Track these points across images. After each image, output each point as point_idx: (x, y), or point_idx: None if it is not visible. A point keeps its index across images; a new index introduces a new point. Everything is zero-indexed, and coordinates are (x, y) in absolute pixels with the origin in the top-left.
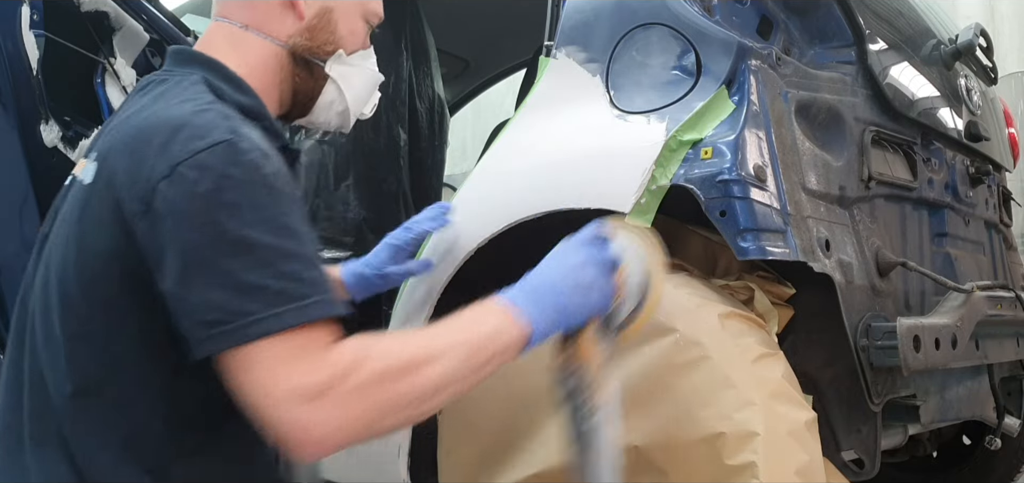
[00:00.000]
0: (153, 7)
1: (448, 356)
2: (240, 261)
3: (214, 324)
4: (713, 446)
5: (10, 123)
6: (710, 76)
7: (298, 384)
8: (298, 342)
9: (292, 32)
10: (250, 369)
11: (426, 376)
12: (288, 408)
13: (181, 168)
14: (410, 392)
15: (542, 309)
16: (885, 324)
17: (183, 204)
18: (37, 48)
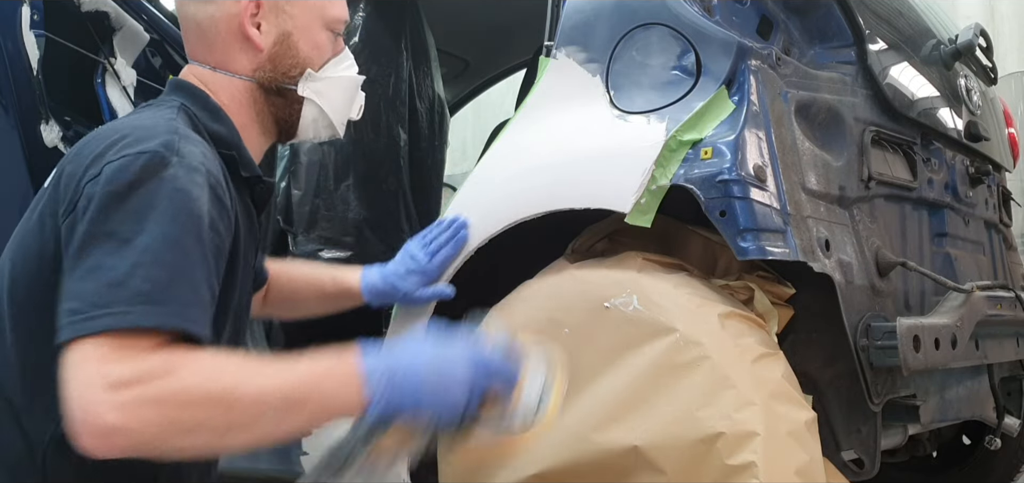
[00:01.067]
0: (153, 7)
1: (265, 402)
2: (116, 259)
3: (73, 312)
4: (713, 446)
5: (10, 123)
6: (710, 76)
7: (106, 372)
8: (131, 343)
9: (255, 65)
10: (79, 362)
11: (231, 415)
12: (87, 391)
13: (106, 168)
14: (209, 422)
15: (389, 388)
16: (885, 324)
17: (94, 199)
18: (37, 48)
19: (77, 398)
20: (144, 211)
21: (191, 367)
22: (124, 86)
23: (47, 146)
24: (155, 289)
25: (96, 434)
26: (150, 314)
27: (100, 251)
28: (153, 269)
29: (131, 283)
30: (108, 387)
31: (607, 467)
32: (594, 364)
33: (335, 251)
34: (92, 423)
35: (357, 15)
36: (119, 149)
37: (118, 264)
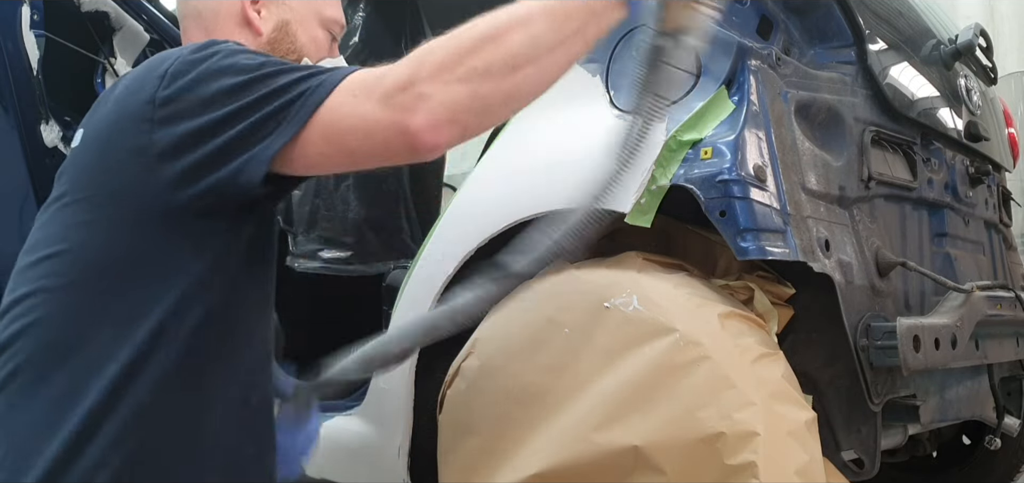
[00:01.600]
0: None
1: (517, 27)
2: (263, 83)
3: (276, 126)
4: (713, 446)
5: (10, 123)
6: (710, 76)
7: (379, 90)
8: (350, 83)
9: (254, 49)
10: (337, 121)
11: (503, 45)
12: (385, 110)
13: (170, 72)
14: (490, 61)
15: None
16: (885, 324)
17: (190, 90)
18: (37, 48)
19: (383, 122)
20: (233, 60)
21: (431, 45)
22: None
23: (47, 146)
24: (311, 71)
25: (424, 127)
26: (337, 72)
27: (250, 76)
28: (288, 71)
29: (288, 81)
30: (394, 92)
31: (607, 467)
32: (594, 364)
33: (335, 251)
34: (411, 119)
35: (357, 15)
36: (178, 53)
37: (280, 71)
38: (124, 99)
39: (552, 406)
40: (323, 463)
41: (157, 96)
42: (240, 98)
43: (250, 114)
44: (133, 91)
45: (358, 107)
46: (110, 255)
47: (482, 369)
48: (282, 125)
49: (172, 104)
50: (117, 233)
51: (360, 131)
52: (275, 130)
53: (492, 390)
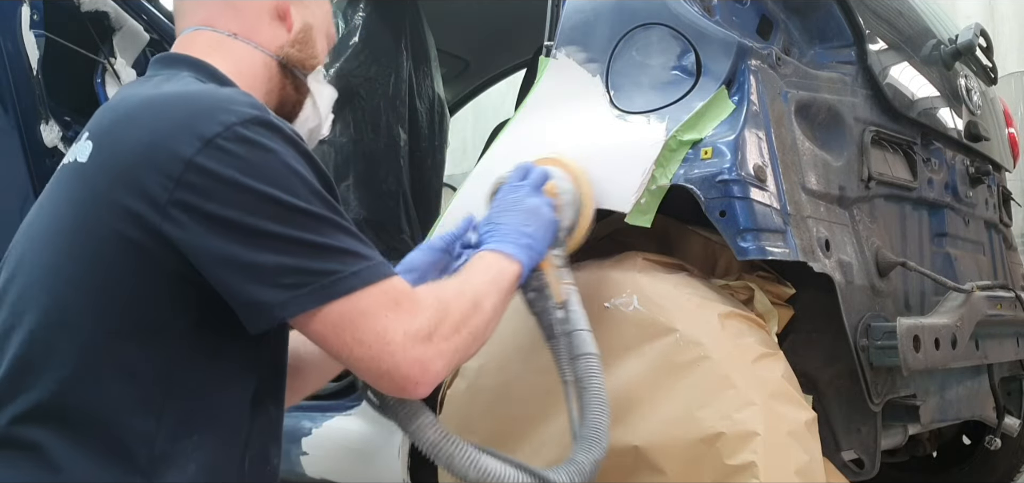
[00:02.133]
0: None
1: (487, 298)
2: (308, 225)
3: (299, 286)
4: (713, 446)
5: (10, 123)
6: (710, 76)
7: (411, 328)
8: (387, 292)
9: (281, 43)
10: (359, 321)
11: (483, 314)
12: (407, 349)
13: (218, 142)
14: (477, 328)
15: (520, 247)
16: (885, 324)
17: (232, 176)
18: (37, 48)
19: (399, 362)
20: (294, 175)
21: (448, 295)
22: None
23: (47, 146)
24: (358, 245)
25: (429, 379)
26: (373, 268)
27: (281, 221)
28: (343, 230)
29: (343, 245)
30: (418, 341)
31: (607, 467)
32: None
33: None
34: (422, 375)
35: (357, 15)
36: (212, 116)
37: (314, 230)
38: (154, 141)
39: (552, 406)
40: (323, 463)
41: (193, 159)
42: (283, 223)
43: (284, 251)
44: (167, 135)
45: (388, 324)
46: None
47: (482, 369)
48: (307, 291)
49: (206, 176)
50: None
51: (373, 346)
52: (300, 289)
53: (492, 390)
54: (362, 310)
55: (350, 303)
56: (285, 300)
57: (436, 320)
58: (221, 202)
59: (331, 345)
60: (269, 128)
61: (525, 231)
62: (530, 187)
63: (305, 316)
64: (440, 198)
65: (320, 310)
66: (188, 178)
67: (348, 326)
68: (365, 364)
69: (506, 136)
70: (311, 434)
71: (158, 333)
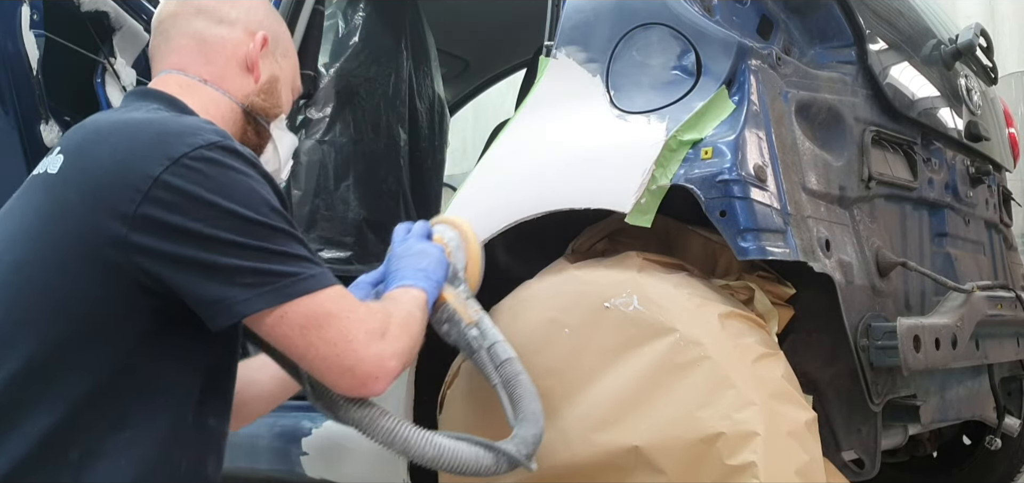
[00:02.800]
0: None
1: (414, 312)
2: (267, 236)
3: (260, 284)
4: (713, 446)
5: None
6: (710, 76)
7: (369, 327)
8: (343, 296)
9: (248, 92)
10: (324, 320)
11: (417, 323)
12: (367, 346)
13: (185, 161)
14: (415, 334)
15: (419, 279)
16: (885, 324)
17: (196, 191)
18: (37, 48)
19: (361, 358)
20: (253, 192)
21: (384, 306)
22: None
23: (47, 146)
24: (309, 253)
25: (388, 374)
26: (326, 275)
27: (242, 231)
28: (296, 240)
29: (298, 251)
30: (377, 338)
31: (607, 467)
32: (594, 364)
33: (335, 251)
34: (381, 370)
35: (357, 15)
36: (180, 139)
37: (272, 239)
38: (124, 160)
39: (552, 406)
40: (323, 463)
41: (161, 176)
42: (243, 234)
43: (245, 256)
44: (137, 155)
45: (350, 323)
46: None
47: None
48: (269, 289)
49: (172, 191)
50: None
51: (338, 344)
52: (262, 287)
53: (491, 390)
54: (327, 310)
55: (314, 302)
56: (248, 297)
57: (385, 322)
58: (185, 214)
59: (295, 344)
60: (231, 152)
61: (420, 267)
62: (416, 237)
63: (267, 315)
64: (440, 198)
65: (283, 309)
66: (155, 193)
67: (313, 325)
68: (329, 362)
69: (506, 136)
70: (311, 434)
71: (111, 338)
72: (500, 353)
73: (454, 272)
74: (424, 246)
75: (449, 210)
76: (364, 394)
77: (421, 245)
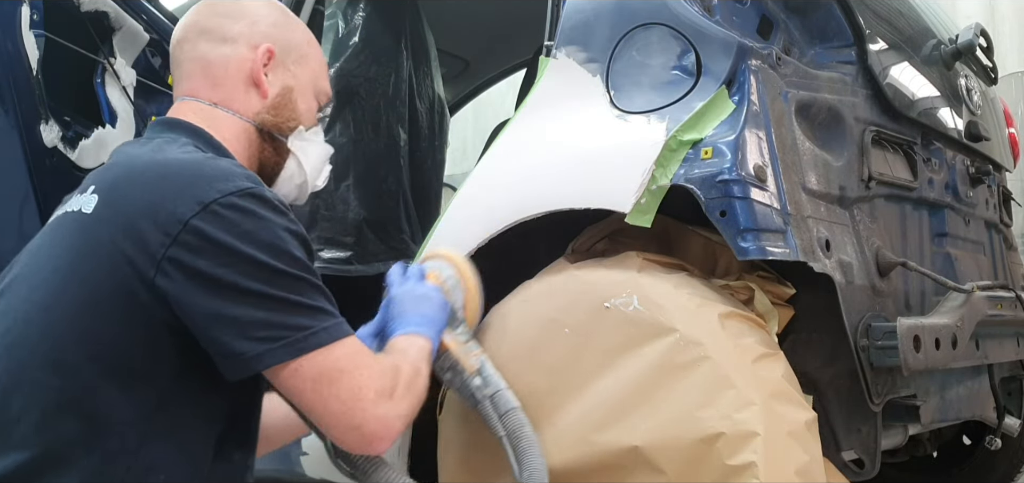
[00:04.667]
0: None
1: (420, 366)
2: (287, 286)
3: (275, 339)
4: (713, 446)
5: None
6: (710, 76)
7: (379, 386)
8: (357, 350)
9: (258, 109)
10: (336, 377)
11: (422, 378)
12: (375, 406)
13: (214, 207)
14: (420, 391)
15: (423, 326)
16: (885, 324)
17: (223, 238)
18: (37, 48)
19: (367, 418)
20: (278, 242)
21: (394, 362)
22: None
23: (47, 146)
24: (328, 304)
25: (390, 435)
26: (341, 325)
27: (264, 281)
28: (317, 291)
29: (316, 303)
30: (384, 398)
31: (607, 467)
32: (594, 364)
33: (335, 251)
34: (385, 431)
35: (357, 15)
36: (211, 184)
37: (291, 290)
38: (157, 202)
39: (552, 406)
40: (323, 463)
41: (190, 221)
42: (264, 282)
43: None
44: (169, 198)
45: (361, 381)
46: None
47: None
48: (281, 344)
49: (199, 236)
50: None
51: (347, 402)
52: (276, 342)
53: None
54: (339, 367)
55: (328, 357)
56: (261, 352)
57: (395, 380)
58: (211, 260)
59: (307, 399)
60: (260, 200)
61: (423, 312)
62: (414, 280)
63: (281, 369)
64: (440, 198)
65: (297, 363)
66: (184, 237)
67: (326, 381)
68: (337, 419)
69: (506, 136)
70: (311, 434)
71: (139, 378)
72: (502, 404)
73: (453, 313)
74: (425, 290)
75: (449, 210)
76: (368, 452)
77: (422, 288)
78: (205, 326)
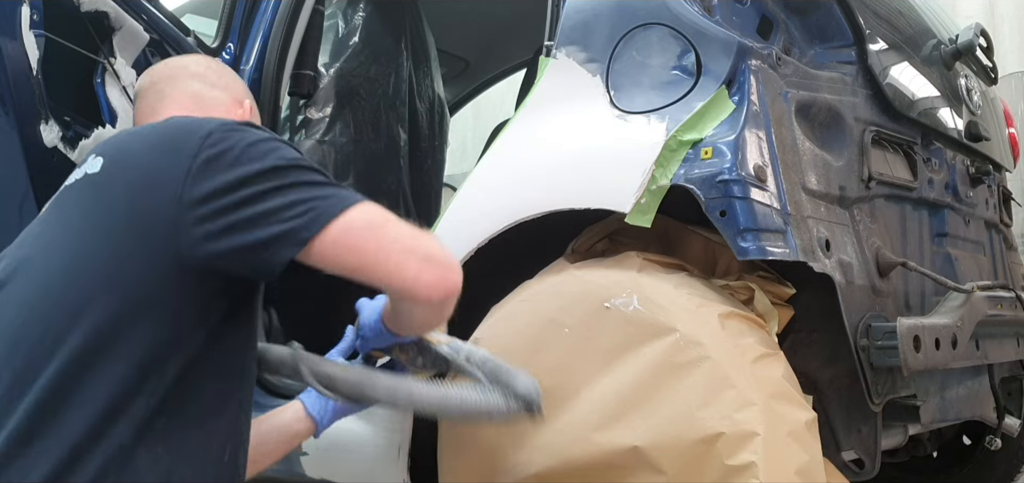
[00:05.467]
0: (153, 7)
1: None
2: (301, 176)
3: (314, 208)
4: (713, 446)
5: (10, 123)
6: (710, 76)
7: (424, 245)
8: (381, 208)
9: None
10: (384, 220)
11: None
12: (431, 239)
13: (215, 135)
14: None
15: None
16: (885, 324)
17: (231, 154)
18: (37, 48)
19: (426, 242)
20: (282, 147)
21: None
22: (124, 86)
23: (47, 146)
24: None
25: (457, 267)
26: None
27: (282, 173)
28: (322, 175)
29: (329, 180)
30: (435, 254)
31: (607, 467)
32: (594, 364)
33: None
34: (452, 258)
35: (357, 15)
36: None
37: (308, 176)
38: (165, 146)
39: (552, 406)
40: (323, 463)
41: (199, 153)
42: (283, 177)
43: (290, 192)
44: (176, 141)
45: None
46: (116, 290)
47: None
48: (324, 208)
49: (210, 163)
50: (128, 270)
51: (406, 235)
52: (317, 210)
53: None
54: (384, 214)
55: (372, 207)
56: (308, 220)
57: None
58: (228, 172)
59: (367, 248)
60: (249, 125)
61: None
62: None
63: (330, 230)
64: (440, 198)
65: (346, 218)
66: (197, 168)
67: (379, 224)
68: (406, 253)
69: (506, 136)
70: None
71: (161, 322)
72: (477, 355)
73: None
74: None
75: (449, 210)
76: (445, 288)
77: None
78: (242, 236)
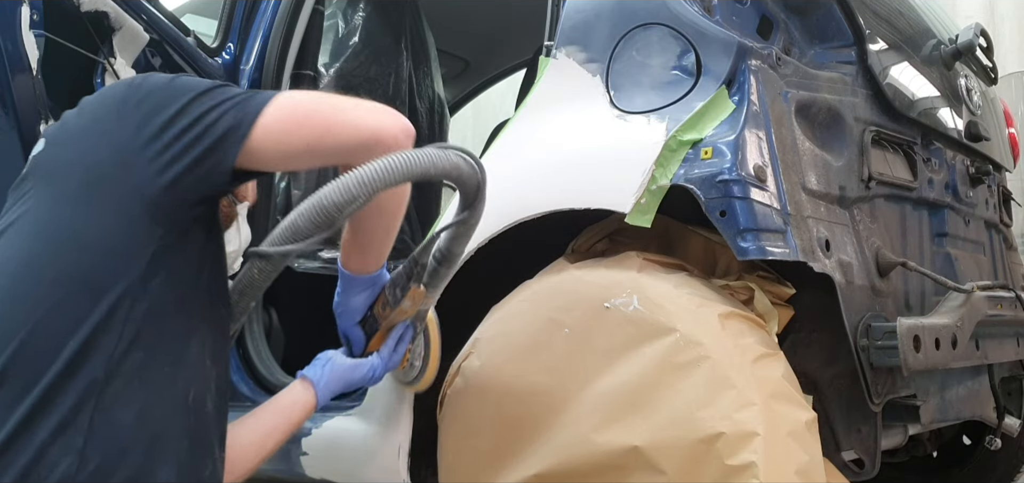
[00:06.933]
0: (153, 7)
1: None
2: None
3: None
4: (713, 446)
5: (10, 123)
6: (710, 76)
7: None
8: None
9: None
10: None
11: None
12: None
13: (143, 79)
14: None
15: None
16: (885, 324)
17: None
18: (37, 48)
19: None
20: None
21: None
22: None
23: None
24: None
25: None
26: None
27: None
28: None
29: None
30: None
31: (607, 467)
32: (594, 364)
33: (335, 251)
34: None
35: (357, 15)
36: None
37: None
38: (101, 105)
39: (552, 406)
40: (323, 463)
41: (130, 100)
42: (213, 91)
43: (225, 96)
44: (110, 98)
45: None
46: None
47: (482, 369)
48: (264, 96)
49: (146, 104)
50: (92, 216)
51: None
52: (256, 98)
53: (492, 390)
54: (313, 94)
55: (296, 94)
56: (239, 118)
57: None
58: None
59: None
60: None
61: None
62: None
63: (266, 121)
64: (440, 198)
65: (275, 107)
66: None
67: (324, 97)
68: (359, 111)
69: (506, 136)
70: (311, 434)
71: (125, 264)
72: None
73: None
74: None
75: (449, 210)
76: (408, 128)
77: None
78: (191, 152)
